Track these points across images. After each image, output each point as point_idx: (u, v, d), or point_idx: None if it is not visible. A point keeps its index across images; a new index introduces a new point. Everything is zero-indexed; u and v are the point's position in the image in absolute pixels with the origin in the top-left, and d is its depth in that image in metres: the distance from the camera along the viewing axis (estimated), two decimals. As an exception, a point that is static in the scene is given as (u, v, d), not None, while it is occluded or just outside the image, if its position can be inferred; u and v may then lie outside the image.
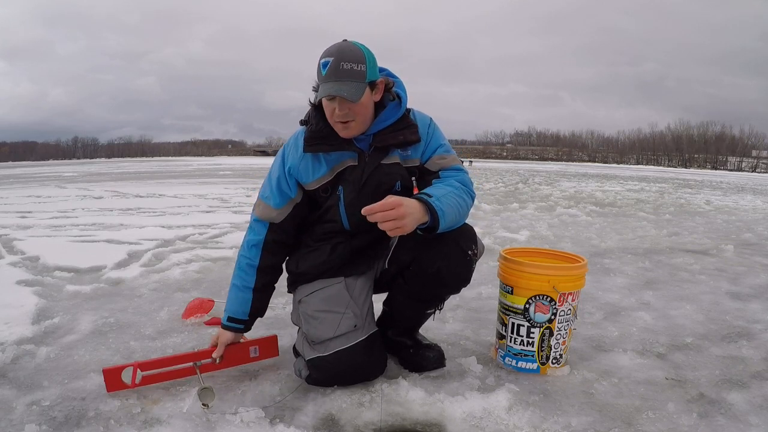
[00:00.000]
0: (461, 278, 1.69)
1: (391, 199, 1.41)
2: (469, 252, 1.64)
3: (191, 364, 1.69)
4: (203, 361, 1.71)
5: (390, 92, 1.66)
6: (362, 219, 1.58)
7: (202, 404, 1.51)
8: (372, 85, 1.57)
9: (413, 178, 1.69)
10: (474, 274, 1.73)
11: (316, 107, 1.66)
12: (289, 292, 1.85)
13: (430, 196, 1.50)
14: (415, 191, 1.66)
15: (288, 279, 1.84)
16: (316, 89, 1.59)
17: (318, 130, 1.63)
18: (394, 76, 1.71)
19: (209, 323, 2.26)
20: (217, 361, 1.73)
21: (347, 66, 1.49)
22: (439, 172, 1.68)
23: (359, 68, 1.51)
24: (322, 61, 1.51)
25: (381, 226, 1.41)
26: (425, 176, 1.69)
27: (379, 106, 1.63)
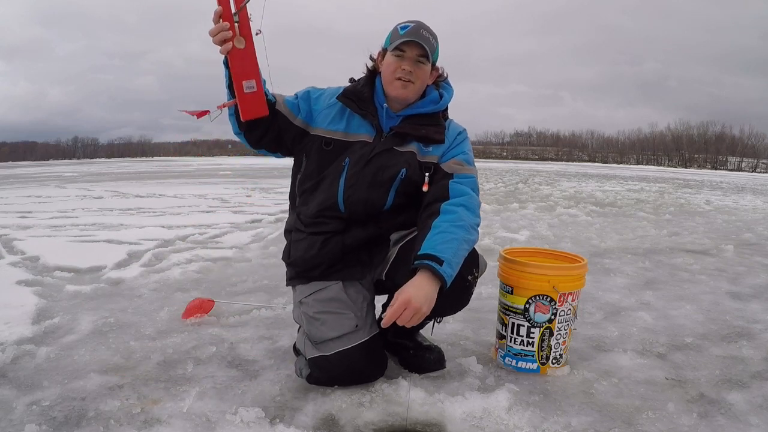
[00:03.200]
0: (459, 303, 1.69)
1: (396, 303, 1.44)
2: (469, 277, 1.62)
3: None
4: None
5: (437, 85, 1.75)
6: (357, 200, 1.66)
7: None
8: (433, 65, 1.68)
9: (427, 174, 1.68)
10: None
11: (370, 75, 1.73)
12: (287, 285, 1.83)
13: (441, 263, 1.47)
14: (425, 187, 1.67)
15: (286, 272, 1.82)
16: (379, 55, 1.70)
17: (360, 90, 1.70)
18: (448, 85, 1.78)
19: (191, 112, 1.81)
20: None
21: (426, 34, 1.61)
22: (453, 175, 1.68)
23: (434, 42, 1.63)
24: (401, 25, 1.63)
25: (407, 325, 1.46)
26: (438, 176, 1.68)
27: (420, 95, 1.70)
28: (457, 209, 1.60)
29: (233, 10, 1.45)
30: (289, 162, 1.83)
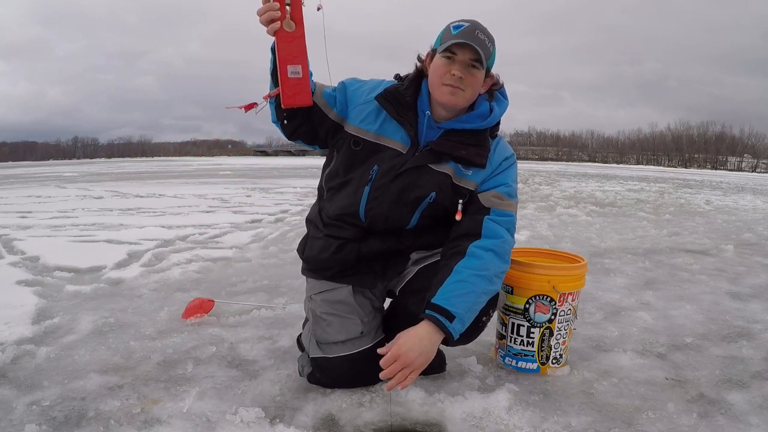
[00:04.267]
0: (467, 339, 1.61)
1: (390, 353, 1.38)
2: (483, 318, 1.55)
3: None
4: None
5: (491, 95, 1.58)
6: (378, 214, 1.55)
7: None
8: (488, 71, 1.51)
9: (460, 201, 1.54)
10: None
11: (416, 76, 1.58)
12: (302, 273, 1.79)
13: (451, 318, 1.39)
14: (458, 216, 1.54)
15: (302, 263, 1.78)
16: (428, 56, 1.55)
17: (401, 93, 1.54)
18: (503, 96, 1.62)
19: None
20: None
21: (482, 36, 1.45)
22: (491, 210, 1.54)
23: (489, 46, 1.47)
24: (455, 24, 1.47)
25: (396, 383, 1.38)
26: (474, 207, 1.56)
27: (468, 106, 1.55)
28: (485, 255, 1.48)
29: None
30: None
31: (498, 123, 1.59)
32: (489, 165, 1.56)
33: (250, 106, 1.56)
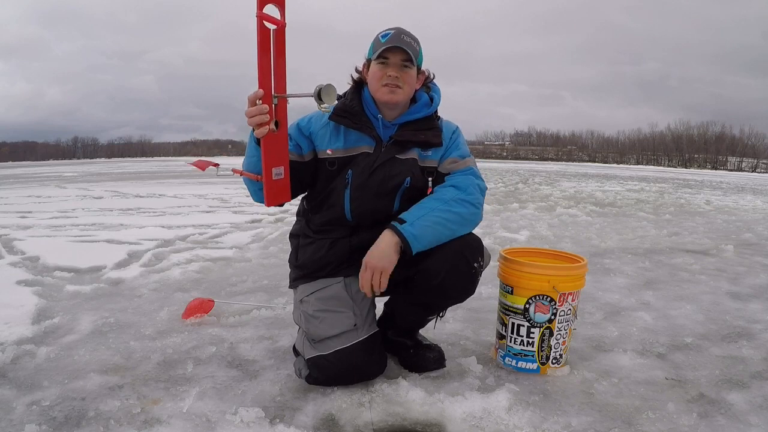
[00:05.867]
0: (465, 291, 1.69)
1: (361, 270, 1.57)
2: (475, 264, 1.63)
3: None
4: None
5: (427, 87, 1.78)
6: (364, 210, 1.68)
7: (323, 106, 1.40)
8: (418, 69, 1.69)
9: (430, 179, 1.71)
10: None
11: (356, 87, 1.75)
12: (290, 287, 1.84)
13: (402, 222, 1.56)
14: (429, 192, 1.69)
15: (290, 274, 1.84)
16: (364, 66, 1.72)
17: (350, 106, 1.70)
18: (435, 85, 1.82)
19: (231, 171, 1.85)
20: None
21: (407, 38, 1.63)
22: (448, 175, 1.71)
23: (416, 46, 1.65)
24: (382, 33, 1.64)
25: (375, 287, 1.57)
26: (438, 179, 1.72)
27: (411, 101, 1.73)
28: (447, 188, 1.66)
29: (273, 94, 1.43)
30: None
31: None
32: (444, 142, 1.74)
33: (208, 165, 1.59)
